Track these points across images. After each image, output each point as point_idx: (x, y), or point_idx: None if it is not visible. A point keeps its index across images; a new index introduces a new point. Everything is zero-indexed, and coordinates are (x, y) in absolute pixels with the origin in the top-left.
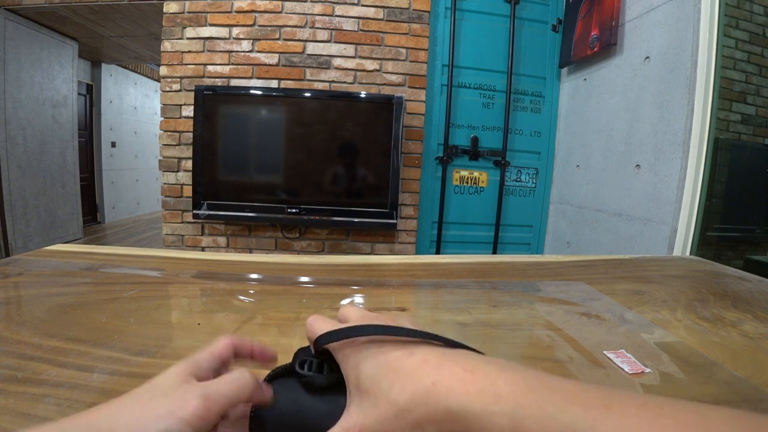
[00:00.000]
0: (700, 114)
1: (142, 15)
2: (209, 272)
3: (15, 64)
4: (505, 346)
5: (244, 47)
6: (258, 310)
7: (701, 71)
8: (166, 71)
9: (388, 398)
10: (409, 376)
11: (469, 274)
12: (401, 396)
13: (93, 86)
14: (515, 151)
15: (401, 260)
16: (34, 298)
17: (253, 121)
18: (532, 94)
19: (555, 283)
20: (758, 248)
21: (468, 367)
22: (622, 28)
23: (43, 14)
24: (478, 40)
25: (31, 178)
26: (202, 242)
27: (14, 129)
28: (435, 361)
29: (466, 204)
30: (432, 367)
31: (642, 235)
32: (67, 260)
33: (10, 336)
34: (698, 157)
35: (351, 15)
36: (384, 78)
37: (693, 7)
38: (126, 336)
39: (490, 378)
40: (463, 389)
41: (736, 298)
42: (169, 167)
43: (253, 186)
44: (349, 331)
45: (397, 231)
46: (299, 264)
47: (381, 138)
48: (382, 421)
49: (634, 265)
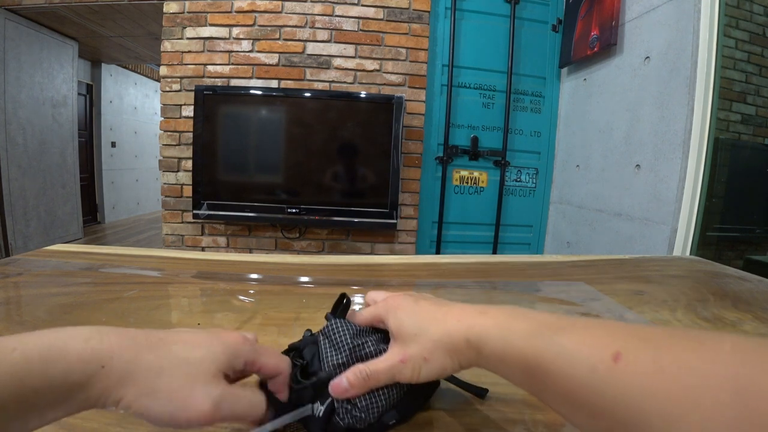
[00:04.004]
0: (700, 114)
1: (142, 15)
2: (209, 272)
3: (15, 64)
4: None
5: (244, 47)
6: (258, 310)
7: (701, 71)
8: (166, 71)
9: (426, 336)
10: (441, 320)
11: (469, 274)
12: (436, 333)
13: (93, 86)
14: (515, 151)
15: (401, 260)
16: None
17: (253, 121)
18: (532, 94)
19: (555, 283)
20: (758, 248)
21: (483, 310)
22: (622, 28)
23: (43, 14)
24: (478, 40)
25: (31, 178)
26: (202, 242)
27: (14, 129)
28: (458, 309)
29: (466, 204)
30: (456, 312)
31: (642, 235)
32: (67, 260)
33: None
34: (698, 157)
35: (351, 15)
36: (384, 78)
37: (693, 7)
38: None
39: (500, 316)
40: (478, 323)
41: (736, 298)
42: (169, 167)
43: (253, 186)
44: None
45: (397, 231)
46: (299, 264)
47: (381, 138)
48: (421, 350)
49: (634, 265)
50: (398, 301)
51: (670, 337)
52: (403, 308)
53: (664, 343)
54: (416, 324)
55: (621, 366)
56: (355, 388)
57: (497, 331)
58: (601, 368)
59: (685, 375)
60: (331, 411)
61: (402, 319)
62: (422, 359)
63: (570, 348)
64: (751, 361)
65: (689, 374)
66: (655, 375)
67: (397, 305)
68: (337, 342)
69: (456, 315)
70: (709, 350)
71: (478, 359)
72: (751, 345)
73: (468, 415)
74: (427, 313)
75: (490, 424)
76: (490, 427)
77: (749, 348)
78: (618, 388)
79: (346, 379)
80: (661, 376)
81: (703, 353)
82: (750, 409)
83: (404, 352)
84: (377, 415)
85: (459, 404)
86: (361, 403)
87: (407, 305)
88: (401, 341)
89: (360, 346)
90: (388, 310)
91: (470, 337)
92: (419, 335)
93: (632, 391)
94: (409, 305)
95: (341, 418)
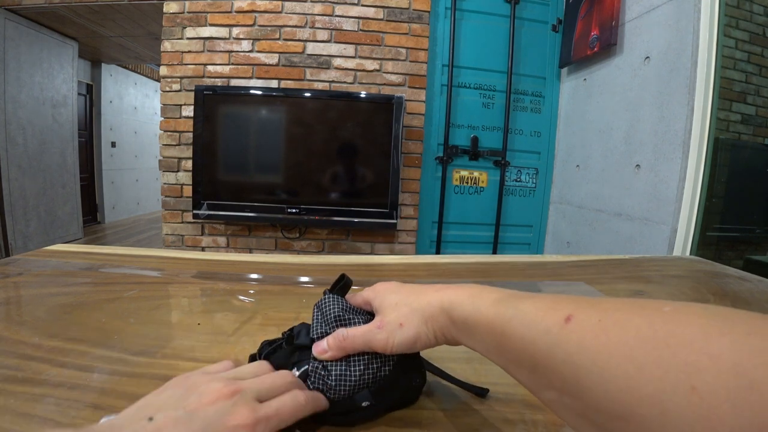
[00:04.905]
0: (700, 114)
1: (142, 15)
2: (209, 272)
3: (15, 64)
4: None
5: (244, 47)
6: (258, 310)
7: (701, 71)
8: (166, 71)
9: (405, 305)
10: (422, 293)
11: (469, 274)
12: (415, 302)
13: (93, 86)
14: (515, 151)
15: (401, 260)
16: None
17: (253, 121)
18: (532, 94)
19: (555, 283)
20: (758, 248)
21: (460, 285)
22: (622, 28)
23: (43, 14)
24: (478, 40)
25: (31, 178)
26: (202, 242)
27: (14, 129)
28: (438, 286)
29: (466, 204)
30: (436, 287)
31: (642, 235)
32: (67, 260)
33: (10, 336)
34: (698, 157)
35: (351, 15)
36: (384, 78)
37: (693, 7)
38: (126, 336)
39: (473, 289)
40: (453, 294)
41: (736, 298)
42: (169, 167)
43: (253, 186)
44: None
45: (397, 231)
46: (299, 264)
47: (381, 138)
48: (398, 317)
49: (634, 265)
50: (386, 285)
51: (621, 304)
52: (388, 289)
53: (611, 307)
54: (398, 298)
55: (570, 326)
56: (333, 349)
57: (468, 298)
58: (554, 330)
59: (624, 332)
60: (305, 377)
61: (385, 296)
62: (398, 325)
63: (529, 312)
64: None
65: (628, 331)
66: (598, 333)
67: (384, 288)
68: (326, 314)
69: (435, 288)
70: (650, 312)
71: (450, 327)
72: (687, 307)
73: (468, 415)
74: (409, 290)
75: (490, 424)
76: (490, 427)
77: (685, 310)
78: (564, 346)
79: (326, 341)
80: (603, 334)
81: (644, 314)
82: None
83: (381, 319)
84: (348, 389)
85: (459, 404)
86: (336, 370)
87: (393, 286)
88: (381, 313)
89: (348, 320)
90: (376, 292)
91: (444, 305)
92: (399, 305)
93: (576, 348)
94: (395, 286)
95: (312, 382)
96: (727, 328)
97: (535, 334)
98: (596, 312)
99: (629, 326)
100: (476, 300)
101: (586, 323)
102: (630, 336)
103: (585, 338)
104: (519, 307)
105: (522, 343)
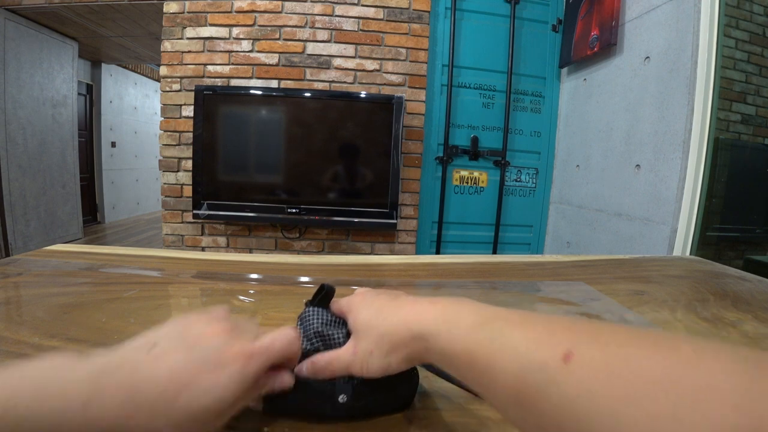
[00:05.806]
0: (700, 114)
1: (142, 15)
2: (209, 272)
3: (15, 64)
4: None
5: (244, 47)
6: (258, 310)
7: (701, 71)
8: (166, 71)
9: (375, 329)
10: (392, 314)
11: (469, 274)
12: (383, 326)
13: (93, 86)
14: (515, 151)
15: (401, 260)
16: (34, 298)
17: (253, 121)
18: (532, 94)
19: (555, 283)
20: (758, 248)
21: (433, 301)
22: (622, 28)
23: (43, 14)
24: (478, 40)
25: (31, 178)
26: (202, 242)
27: (14, 129)
28: (411, 302)
29: (466, 204)
30: (408, 307)
31: (642, 235)
32: (67, 260)
33: (10, 336)
34: (698, 157)
35: (351, 15)
36: (384, 78)
37: (693, 7)
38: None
39: (448, 308)
40: (425, 317)
41: (736, 298)
42: (169, 167)
43: (253, 186)
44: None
45: (397, 231)
46: (299, 264)
47: (381, 138)
48: (370, 343)
49: (634, 265)
50: (360, 297)
51: (627, 336)
52: (362, 303)
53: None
54: (369, 318)
55: (570, 366)
56: (310, 375)
57: (443, 324)
58: (551, 368)
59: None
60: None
61: (358, 313)
62: (369, 353)
63: (518, 343)
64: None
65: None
66: (606, 375)
67: (358, 300)
68: (307, 329)
69: (407, 309)
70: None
71: (426, 353)
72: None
73: (468, 415)
74: (380, 307)
75: (489, 424)
76: (490, 427)
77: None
78: (564, 389)
79: (304, 368)
80: (613, 378)
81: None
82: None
83: (355, 345)
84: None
85: (459, 404)
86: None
87: (366, 300)
88: (356, 335)
89: (328, 336)
90: (350, 304)
91: (414, 332)
92: (370, 329)
93: (577, 391)
94: (368, 300)
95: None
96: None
97: (527, 372)
98: (600, 348)
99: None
100: (452, 327)
101: (590, 364)
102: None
103: (590, 381)
104: (506, 335)
105: (510, 380)
